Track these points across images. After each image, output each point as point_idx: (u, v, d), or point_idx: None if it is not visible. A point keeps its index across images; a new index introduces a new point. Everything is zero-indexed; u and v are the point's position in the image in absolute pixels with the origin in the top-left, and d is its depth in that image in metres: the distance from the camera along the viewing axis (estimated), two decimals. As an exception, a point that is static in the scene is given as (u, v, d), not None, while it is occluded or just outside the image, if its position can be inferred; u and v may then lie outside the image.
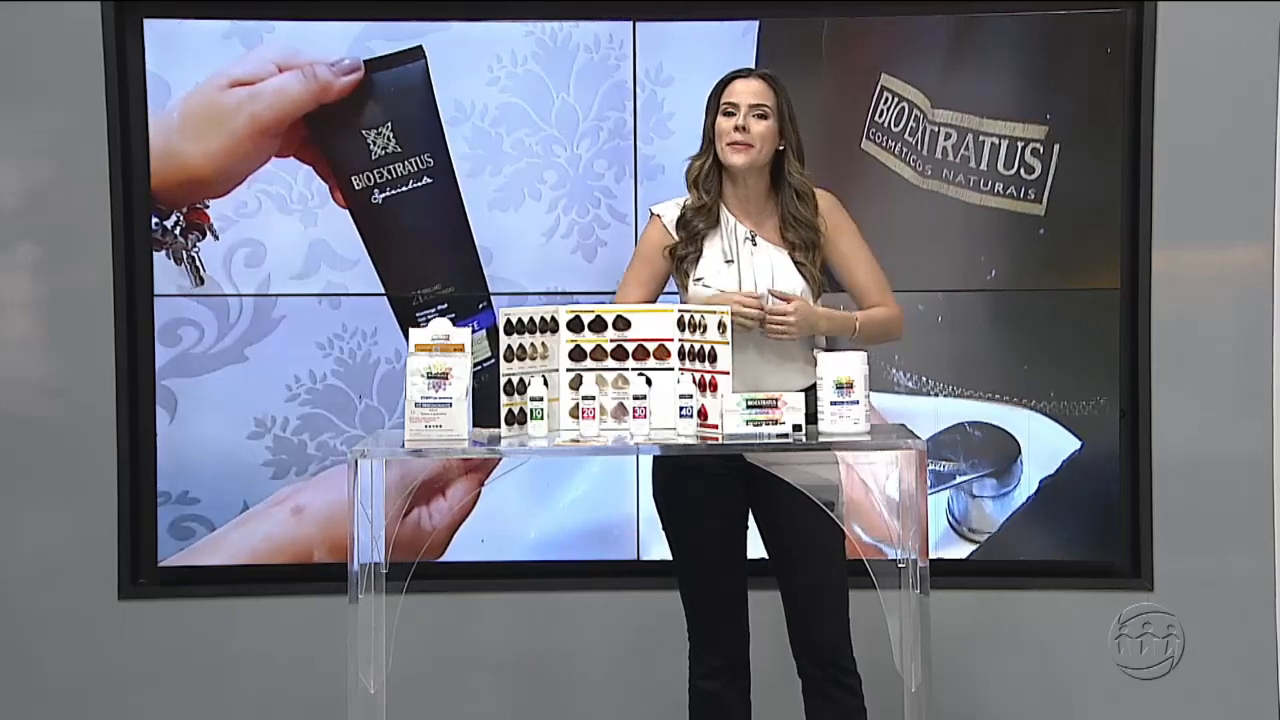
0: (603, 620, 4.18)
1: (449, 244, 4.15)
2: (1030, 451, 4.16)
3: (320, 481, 4.15)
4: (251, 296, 4.13)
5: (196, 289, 4.12)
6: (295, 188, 4.12)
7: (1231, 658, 4.14)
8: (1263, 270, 4.11)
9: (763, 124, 3.28)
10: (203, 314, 4.14)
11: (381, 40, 4.11)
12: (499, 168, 4.15)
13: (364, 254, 4.13)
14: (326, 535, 4.14)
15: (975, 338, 4.16)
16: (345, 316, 4.16)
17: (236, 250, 4.13)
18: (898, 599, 3.06)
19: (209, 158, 4.10)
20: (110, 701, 4.15)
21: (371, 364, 4.16)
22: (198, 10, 4.10)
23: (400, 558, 3.14)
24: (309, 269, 4.14)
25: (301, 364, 4.16)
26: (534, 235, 4.15)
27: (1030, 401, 4.14)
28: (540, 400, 3.12)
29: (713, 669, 3.36)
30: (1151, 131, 4.08)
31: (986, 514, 4.17)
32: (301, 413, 4.17)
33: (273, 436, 4.16)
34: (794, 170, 3.32)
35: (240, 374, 4.15)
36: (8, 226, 4.14)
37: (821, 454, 3.13)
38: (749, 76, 3.32)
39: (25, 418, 4.15)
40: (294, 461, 4.16)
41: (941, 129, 4.11)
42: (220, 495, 4.15)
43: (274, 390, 4.16)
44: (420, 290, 4.14)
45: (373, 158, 4.11)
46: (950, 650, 3.92)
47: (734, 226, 3.34)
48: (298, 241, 4.13)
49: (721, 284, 3.29)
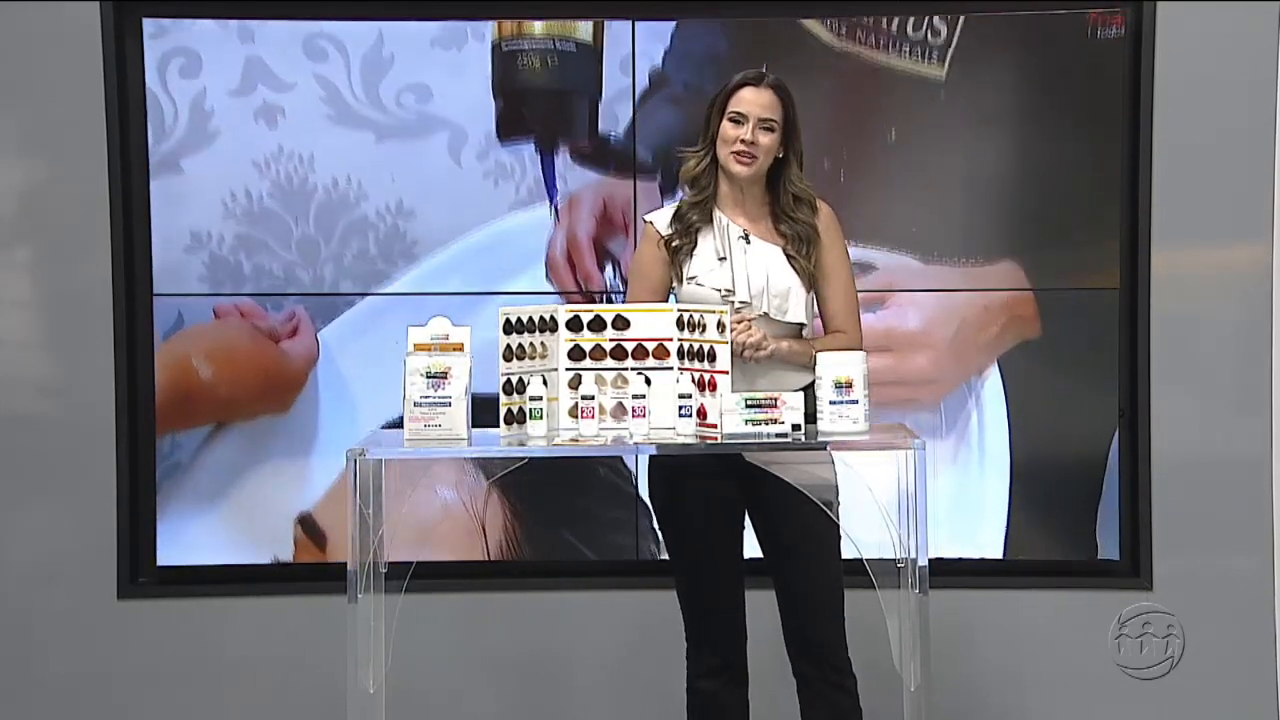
0: (603, 620, 4.19)
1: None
2: (1030, 450, 4.16)
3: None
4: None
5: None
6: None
7: (1231, 658, 4.14)
8: (1263, 270, 4.11)
9: (769, 136, 3.28)
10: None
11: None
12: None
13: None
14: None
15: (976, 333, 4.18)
16: (282, 137, 4.13)
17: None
18: (897, 598, 3.07)
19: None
20: (110, 701, 4.15)
21: (309, 189, 4.15)
22: (198, 10, 4.10)
23: (399, 557, 3.14)
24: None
25: (238, 181, 4.13)
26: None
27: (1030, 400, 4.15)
28: (539, 400, 3.12)
29: (710, 669, 3.36)
30: (1151, 131, 4.08)
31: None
32: (238, 231, 4.15)
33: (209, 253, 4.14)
34: (794, 178, 3.33)
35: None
36: (7, 226, 4.14)
37: (820, 453, 3.13)
38: (760, 85, 3.29)
39: (25, 418, 4.15)
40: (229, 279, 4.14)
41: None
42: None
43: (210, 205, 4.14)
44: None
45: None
46: (950, 650, 3.92)
47: (726, 225, 3.34)
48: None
49: (715, 282, 3.29)
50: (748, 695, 3.39)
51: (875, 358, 4.04)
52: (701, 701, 3.38)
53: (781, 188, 3.34)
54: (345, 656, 3.07)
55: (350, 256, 4.15)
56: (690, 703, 3.40)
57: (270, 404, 4.16)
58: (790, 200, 3.33)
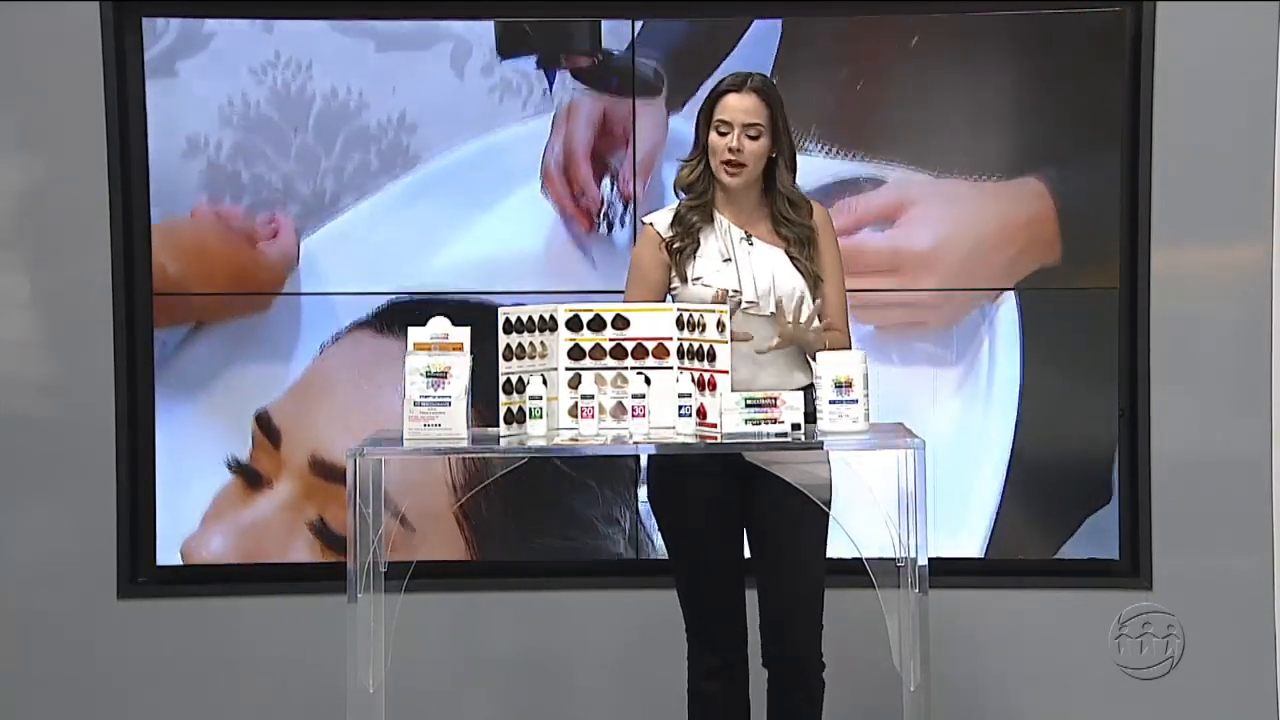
0: (603, 620, 4.19)
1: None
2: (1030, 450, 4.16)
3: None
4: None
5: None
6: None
7: (1231, 658, 4.13)
8: (1263, 270, 4.11)
9: (755, 144, 3.28)
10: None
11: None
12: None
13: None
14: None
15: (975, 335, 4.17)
16: (279, 43, 4.11)
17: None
18: (897, 598, 3.07)
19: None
20: (110, 701, 4.15)
21: (308, 97, 4.13)
22: (198, 9, 4.10)
23: (399, 557, 3.14)
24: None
25: (235, 87, 4.11)
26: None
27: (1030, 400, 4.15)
28: (539, 399, 3.12)
29: (711, 669, 3.36)
30: (1151, 131, 4.08)
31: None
32: (235, 139, 4.13)
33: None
34: (784, 181, 3.33)
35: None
36: (7, 226, 4.14)
37: (819, 452, 3.14)
38: (743, 91, 3.29)
39: (25, 417, 4.15)
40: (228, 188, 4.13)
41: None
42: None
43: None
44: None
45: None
46: (950, 650, 3.92)
47: (728, 227, 3.34)
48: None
49: (721, 283, 3.29)
50: (748, 695, 3.39)
51: (882, 278, 4.08)
52: (703, 703, 3.38)
53: (776, 190, 3.34)
54: (345, 656, 3.07)
55: (350, 169, 4.12)
56: (691, 705, 3.40)
57: (247, 306, 4.14)
58: (786, 203, 3.34)
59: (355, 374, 4.14)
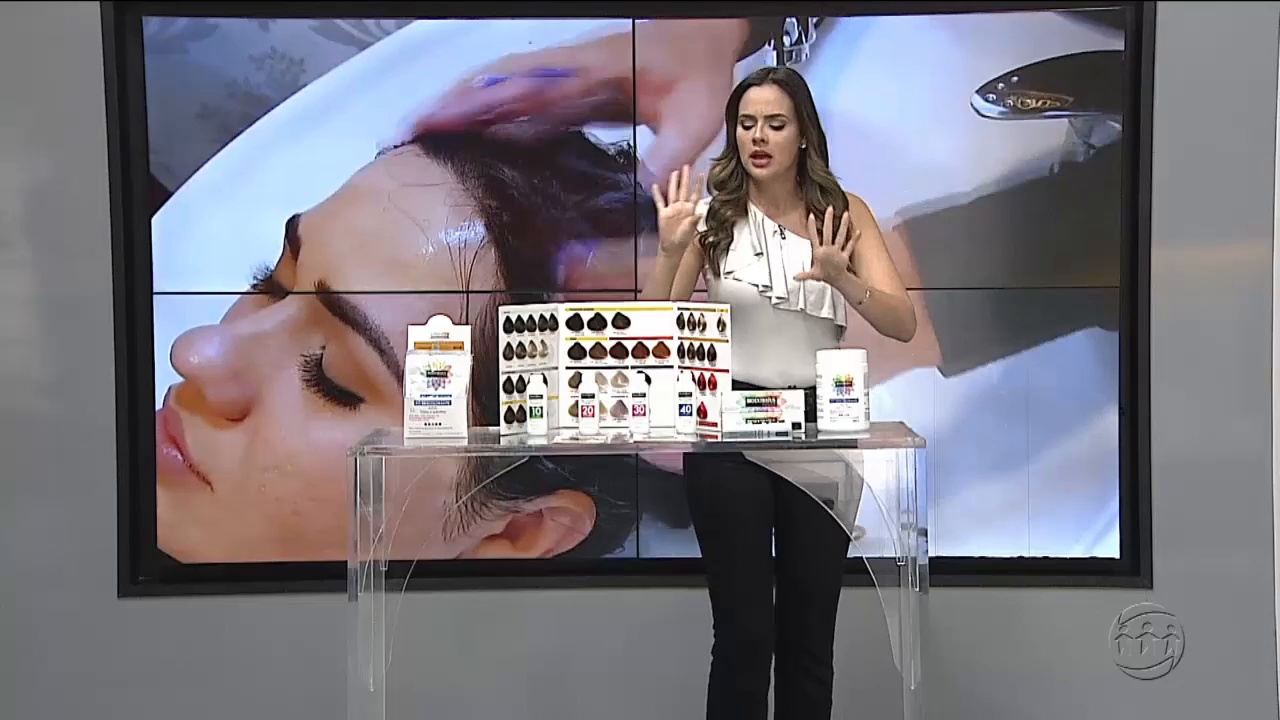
0: (603, 620, 4.18)
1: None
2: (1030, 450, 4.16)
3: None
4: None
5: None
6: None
7: (1231, 658, 4.13)
8: (1263, 269, 4.11)
9: (780, 134, 3.29)
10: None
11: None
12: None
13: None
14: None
15: (975, 334, 4.17)
16: (274, 39, 4.11)
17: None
18: (897, 597, 3.07)
19: None
20: (110, 700, 4.15)
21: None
22: (198, 9, 4.11)
23: (400, 555, 3.14)
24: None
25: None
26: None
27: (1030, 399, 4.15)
28: (540, 398, 3.12)
29: (743, 653, 3.31)
30: (1151, 131, 4.08)
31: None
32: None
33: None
34: (817, 168, 3.34)
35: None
36: (8, 225, 4.14)
37: (822, 451, 3.13)
38: (763, 84, 3.30)
39: (25, 417, 4.15)
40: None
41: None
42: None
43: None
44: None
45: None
46: (950, 649, 3.92)
47: (761, 220, 3.35)
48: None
49: (752, 277, 3.30)
50: (769, 682, 3.38)
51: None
52: (743, 701, 3.34)
53: (809, 180, 3.34)
54: (345, 655, 3.07)
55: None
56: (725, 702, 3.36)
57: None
58: (819, 193, 3.33)
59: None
